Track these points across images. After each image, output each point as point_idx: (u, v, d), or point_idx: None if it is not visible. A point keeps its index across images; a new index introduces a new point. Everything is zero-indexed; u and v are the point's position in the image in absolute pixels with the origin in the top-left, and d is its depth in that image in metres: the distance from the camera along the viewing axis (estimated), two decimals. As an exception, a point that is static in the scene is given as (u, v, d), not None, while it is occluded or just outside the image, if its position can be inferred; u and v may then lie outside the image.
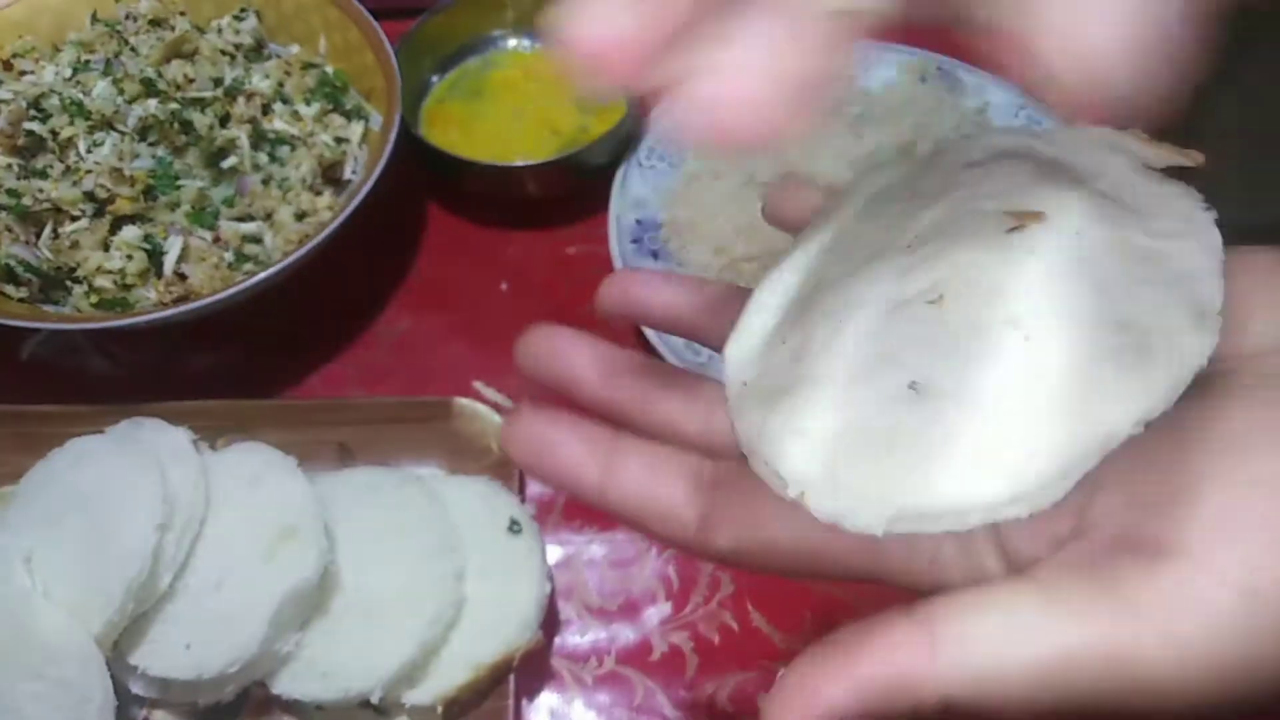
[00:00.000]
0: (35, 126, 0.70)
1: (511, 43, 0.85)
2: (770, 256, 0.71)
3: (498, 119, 0.80)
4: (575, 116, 0.80)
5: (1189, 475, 0.26)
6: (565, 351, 0.34)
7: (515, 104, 0.81)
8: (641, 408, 0.34)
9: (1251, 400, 0.27)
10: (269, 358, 0.71)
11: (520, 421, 0.32)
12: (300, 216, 0.71)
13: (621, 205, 0.75)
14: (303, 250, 0.63)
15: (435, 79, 0.83)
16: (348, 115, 0.76)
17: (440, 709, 0.54)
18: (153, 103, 0.72)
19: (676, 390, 0.35)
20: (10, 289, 0.66)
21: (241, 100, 0.74)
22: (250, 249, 0.69)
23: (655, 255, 0.73)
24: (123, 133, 0.71)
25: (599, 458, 0.31)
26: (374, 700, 0.53)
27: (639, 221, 0.74)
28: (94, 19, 0.79)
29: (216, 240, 0.69)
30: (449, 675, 0.54)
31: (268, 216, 0.71)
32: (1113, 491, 0.27)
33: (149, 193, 0.69)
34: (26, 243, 0.67)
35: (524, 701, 0.57)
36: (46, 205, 0.68)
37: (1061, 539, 0.28)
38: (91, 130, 0.71)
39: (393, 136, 0.69)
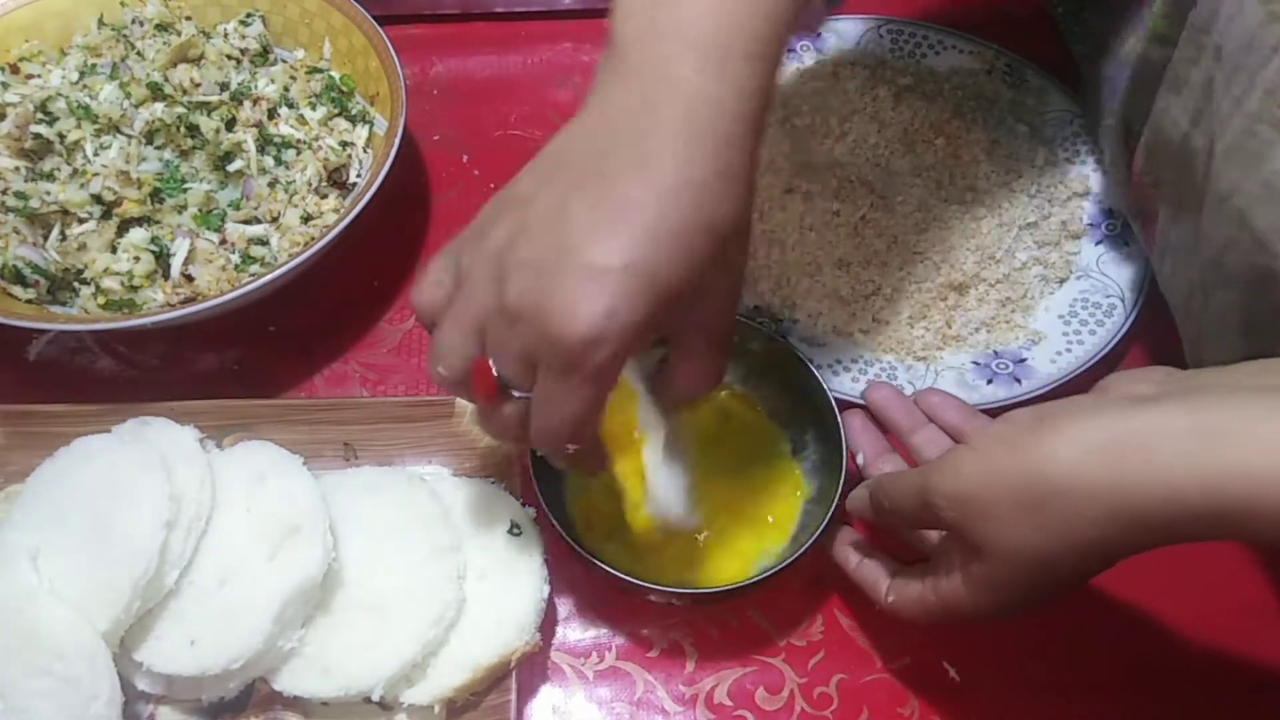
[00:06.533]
0: (42, 129, 0.71)
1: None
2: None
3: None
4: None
5: None
6: None
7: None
8: None
9: None
10: (275, 357, 0.71)
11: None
12: (306, 219, 0.72)
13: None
14: (308, 252, 0.64)
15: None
16: (352, 119, 0.76)
17: (437, 709, 0.54)
18: (159, 106, 0.72)
19: None
20: (18, 290, 0.67)
21: (247, 104, 0.74)
22: (256, 251, 0.70)
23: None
24: (129, 136, 0.72)
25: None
26: (374, 699, 0.53)
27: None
28: (100, 23, 0.79)
29: (223, 242, 0.69)
30: (447, 676, 0.54)
31: (274, 219, 0.71)
32: None
33: (156, 195, 0.70)
34: (34, 244, 0.68)
35: (526, 696, 0.58)
36: (54, 208, 0.68)
37: None
38: (98, 133, 0.71)
39: (397, 140, 0.69)
